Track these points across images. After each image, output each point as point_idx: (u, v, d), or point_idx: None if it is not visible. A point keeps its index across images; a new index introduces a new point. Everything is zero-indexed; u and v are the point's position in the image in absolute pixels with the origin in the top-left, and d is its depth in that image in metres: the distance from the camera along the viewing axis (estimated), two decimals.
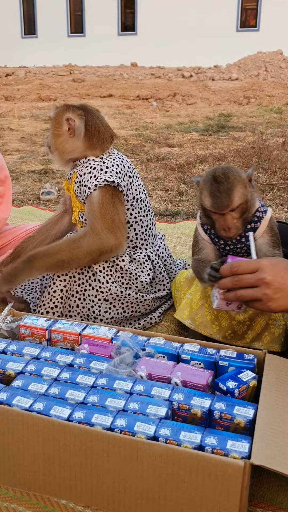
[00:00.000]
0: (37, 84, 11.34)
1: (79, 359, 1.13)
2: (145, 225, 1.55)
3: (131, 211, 1.51)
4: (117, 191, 1.45)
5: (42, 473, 0.97)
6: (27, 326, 1.26)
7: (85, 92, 10.46)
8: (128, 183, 1.49)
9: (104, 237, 1.41)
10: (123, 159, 1.52)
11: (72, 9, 17.20)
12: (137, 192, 1.53)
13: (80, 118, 1.45)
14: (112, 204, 1.43)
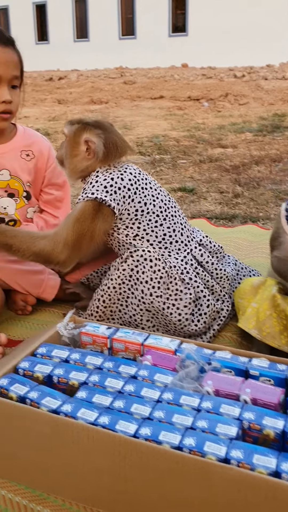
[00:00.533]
0: (89, 87, 11.49)
1: (142, 371, 1.09)
2: (161, 234, 1.47)
3: (137, 225, 1.44)
4: (103, 206, 1.40)
5: (106, 489, 0.94)
6: (88, 334, 1.24)
7: (136, 94, 10.50)
8: (123, 195, 1.41)
9: (58, 250, 1.40)
10: (124, 171, 1.44)
11: (123, 12, 17.34)
12: (141, 204, 1.44)
13: (99, 138, 1.42)
14: (91, 220, 1.39)
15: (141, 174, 1.48)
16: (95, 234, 1.40)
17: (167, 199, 1.51)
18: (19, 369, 1.12)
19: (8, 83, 1.55)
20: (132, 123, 7.07)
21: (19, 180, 1.73)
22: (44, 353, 1.18)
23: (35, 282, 1.67)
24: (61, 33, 18.72)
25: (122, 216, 1.43)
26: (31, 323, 1.64)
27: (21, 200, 1.75)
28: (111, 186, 1.40)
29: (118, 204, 1.40)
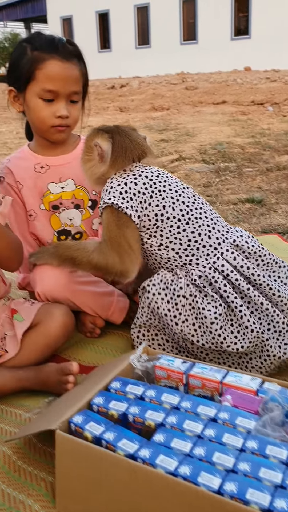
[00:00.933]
0: (151, 93, 11.53)
1: (223, 414, 1.02)
2: (186, 240, 1.36)
3: (160, 232, 1.36)
4: (121, 214, 1.34)
5: None
6: (163, 368, 1.19)
7: (198, 100, 10.42)
8: (140, 201, 1.35)
9: (109, 259, 1.36)
10: (139, 175, 1.38)
11: (185, 17, 17.31)
12: (159, 208, 1.35)
13: (107, 142, 1.39)
14: (117, 226, 1.35)
15: (160, 177, 1.40)
16: (130, 241, 1.36)
17: (191, 200, 1.40)
18: (93, 405, 1.09)
19: (66, 98, 1.55)
20: (195, 129, 7.00)
21: (84, 189, 1.71)
22: (118, 388, 1.14)
23: (105, 304, 1.64)
24: (123, 41, 18.96)
25: (144, 223, 1.37)
26: (101, 347, 1.61)
27: (87, 210, 1.74)
28: (126, 192, 1.35)
29: (137, 211, 1.35)
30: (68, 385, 1.29)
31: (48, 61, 1.51)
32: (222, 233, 1.40)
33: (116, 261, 1.35)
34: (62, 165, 1.69)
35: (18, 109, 1.63)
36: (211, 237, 1.38)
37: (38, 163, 1.69)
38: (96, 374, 1.30)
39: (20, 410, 1.32)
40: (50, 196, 1.69)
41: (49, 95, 1.53)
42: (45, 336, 1.45)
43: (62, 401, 1.21)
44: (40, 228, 1.73)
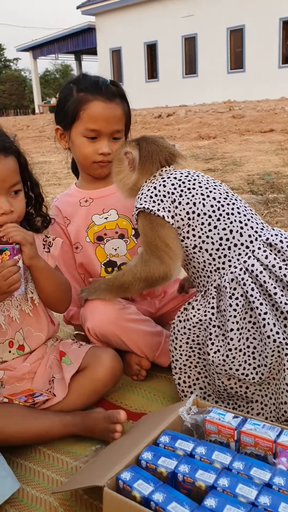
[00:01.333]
0: (197, 122, 11.61)
1: (278, 479, 0.97)
2: (217, 238, 1.32)
3: (192, 232, 1.33)
4: (154, 217, 1.37)
5: None
6: (213, 422, 1.15)
7: (245, 128, 10.40)
8: (171, 201, 1.36)
9: (151, 265, 1.37)
10: (168, 177, 1.40)
11: (232, 47, 17.49)
12: (190, 205, 1.34)
13: (134, 148, 1.44)
14: (151, 229, 1.37)
15: (189, 176, 1.40)
16: (166, 240, 1.36)
17: (223, 196, 1.36)
18: (142, 460, 1.06)
19: (109, 136, 1.63)
20: (242, 159, 6.96)
21: (127, 218, 1.73)
22: (167, 443, 1.11)
23: (153, 344, 1.63)
24: (170, 70, 19.30)
25: (178, 223, 1.36)
26: (148, 392, 1.58)
27: (131, 240, 1.75)
28: (156, 196, 1.37)
29: (169, 211, 1.36)
30: (116, 434, 1.27)
31: (92, 102, 1.60)
32: (256, 230, 1.34)
33: (157, 264, 1.37)
34: (105, 197, 1.74)
35: (64, 146, 1.72)
36: (243, 235, 1.32)
37: (83, 198, 1.75)
38: (144, 424, 1.28)
39: (67, 457, 1.30)
40: (95, 228, 1.73)
41: (92, 133, 1.62)
42: (93, 381, 1.44)
43: (110, 453, 1.18)
44: (86, 261, 1.76)
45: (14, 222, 1.36)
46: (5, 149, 1.33)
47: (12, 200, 1.36)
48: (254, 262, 1.29)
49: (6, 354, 1.46)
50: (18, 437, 1.32)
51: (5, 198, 1.34)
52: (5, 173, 1.32)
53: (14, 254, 1.32)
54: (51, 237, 1.55)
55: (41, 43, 26.69)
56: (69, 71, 51.19)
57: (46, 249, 1.53)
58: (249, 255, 1.31)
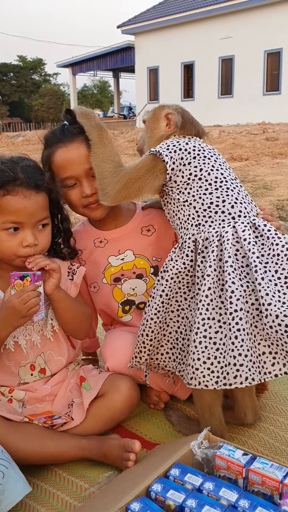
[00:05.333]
0: (230, 143, 11.65)
1: None
2: (208, 202, 1.40)
3: (188, 190, 1.43)
4: (159, 161, 1.43)
5: None
6: (223, 458, 1.18)
7: (278, 151, 10.39)
8: (182, 157, 1.43)
9: (114, 180, 1.44)
10: (194, 140, 1.50)
11: (269, 69, 17.52)
12: (197, 169, 1.42)
13: (177, 112, 1.53)
14: (146, 171, 1.43)
15: (211, 150, 1.49)
16: (144, 186, 1.44)
17: (231, 177, 1.46)
18: (151, 491, 1.10)
19: (86, 177, 1.57)
20: (273, 183, 6.96)
21: (144, 258, 1.73)
22: (176, 476, 1.15)
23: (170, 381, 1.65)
24: (206, 90, 19.44)
25: (176, 178, 1.44)
26: (163, 423, 1.62)
27: (150, 278, 1.75)
28: (173, 146, 1.44)
29: (174, 163, 1.42)
30: (129, 462, 1.31)
31: (55, 152, 1.59)
32: (248, 212, 1.40)
33: (115, 187, 1.44)
34: (119, 238, 1.73)
35: (62, 203, 1.63)
36: (234, 207, 1.40)
37: (97, 238, 1.74)
38: (156, 454, 1.32)
39: (81, 481, 1.36)
40: (111, 269, 1.73)
41: (68, 181, 1.58)
42: (110, 408, 1.49)
43: (122, 481, 1.23)
44: (104, 300, 1.77)
45: (37, 254, 1.43)
46: (37, 186, 1.41)
47: (38, 234, 1.43)
48: (229, 230, 1.36)
49: (28, 377, 1.53)
50: (34, 457, 1.37)
51: (31, 231, 1.41)
52: (34, 209, 1.40)
53: (35, 281, 1.39)
54: (75, 265, 1.62)
55: (80, 60, 27.27)
56: (107, 87, 52.11)
57: (70, 276, 1.59)
58: (230, 224, 1.37)
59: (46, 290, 1.43)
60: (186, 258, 1.40)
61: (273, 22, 16.83)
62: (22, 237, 1.40)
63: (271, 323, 1.25)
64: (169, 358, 1.49)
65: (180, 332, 1.45)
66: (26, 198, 1.39)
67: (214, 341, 1.31)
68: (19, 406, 1.52)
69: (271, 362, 1.31)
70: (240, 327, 1.27)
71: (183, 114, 1.54)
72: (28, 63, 52.79)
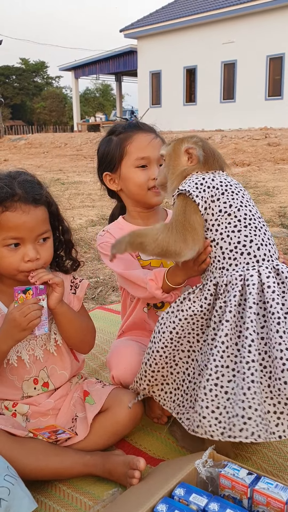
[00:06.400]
0: (232, 148, 11.67)
1: None
2: (235, 241, 1.36)
3: (216, 227, 1.38)
4: (190, 201, 1.39)
5: None
6: (228, 478, 1.18)
7: (280, 157, 10.41)
8: (212, 194, 1.39)
9: (172, 237, 1.38)
10: (219, 176, 1.44)
11: (271, 74, 17.56)
12: (226, 205, 1.38)
13: (197, 145, 1.47)
14: (184, 212, 1.40)
15: (238, 185, 1.45)
16: (194, 225, 1.39)
17: (258, 215, 1.42)
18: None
19: (157, 163, 1.73)
20: (275, 189, 6.96)
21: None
22: (181, 496, 1.15)
23: None
24: (209, 95, 19.50)
25: (207, 217, 1.40)
26: (167, 438, 1.62)
27: None
28: (201, 185, 1.41)
29: (205, 202, 1.39)
30: (134, 480, 1.31)
31: (135, 135, 1.74)
32: (271, 254, 1.39)
33: (178, 239, 1.39)
34: None
35: (115, 189, 1.80)
36: (260, 249, 1.37)
37: None
38: (161, 472, 1.32)
39: (85, 498, 1.35)
40: (140, 262, 1.78)
41: (143, 161, 1.73)
42: (113, 423, 1.49)
43: (126, 501, 1.23)
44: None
45: (40, 268, 1.43)
46: (35, 200, 1.41)
47: (39, 248, 1.43)
48: (254, 274, 1.33)
49: (31, 390, 1.53)
50: (39, 472, 1.37)
51: (32, 246, 1.41)
52: (33, 223, 1.40)
53: (38, 294, 1.39)
54: (78, 278, 1.62)
55: (83, 63, 27.37)
56: (109, 90, 52.22)
57: (73, 290, 1.60)
58: (255, 268, 1.35)
59: (50, 304, 1.43)
60: (205, 301, 1.37)
61: (276, 27, 16.89)
62: (24, 252, 1.40)
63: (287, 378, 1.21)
64: (169, 398, 1.46)
65: (188, 375, 1.43)
66: (25, 213, 1.39)
67: (226, 390, 1.27)
68: (23, 420, 1.52)
69: (275, 422, 1.25)
70: (254, 378, 1.23)
71: (204, 147, 1.48)
72: (30, 66, 52.91)
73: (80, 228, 4.82)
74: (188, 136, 1.52)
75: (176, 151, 1.51)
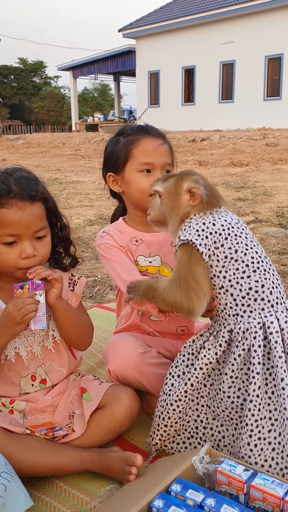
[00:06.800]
0: (231, 148, 11.69)
1: None
2: (246, 288, 1.34)
3: (224, 274, 1.35)
4: (194, 250, 1.35)
5: None
6: (224, 474, 1.19)
7: (278, 157, 10.42)
8: (215, 241, 1.35)
9: (178, 297, 1.36)
10: (219, 218, 1.39)
11: (270, 74, 17.59)
12: (231, 251, 1.35)
13: (200, 184, 1.41)
14: (187, 264, 1.35)
15: (239, 224, 1.40)
16: (199, 278, 1.35)
17: (264, 255, 1.40)
18: (153, 507, 1.10)
19: (161, 170, 1.71)
20: (273, 189, 6.97)
21: (169, 267, 1.78)
22: (178, 492, 1.15)
23: None
24: (207, 95, 19.53)
25: (212, 263, 1.36)
26: None
27: None
28: (202, 231, 1.36)
29: (209, 250, 1.35)
30: (131, 476, 1.31)
31: (143, 139, 1.72)
32: (282, 295, 1.39)
33: (183, 299, 1.36)
34: (154, 242, 1.79)
35: (117, 190, 1.80)
36: (272, 293, 1.36)
37: (134, 237, 1.80)
38: (158, 469, 1.32)
39: (82, 494, 1.36)
40: (138, 267, 1.77)
41: (147, 166, 1.71)
42: (111, 420, 1.49)
43: (123, 496, 1.23)
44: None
45: (37, 265, 1.43)
46: (31, 196, 1.40)
47: (36, 244, 1.43)
48: (274, 320, 1.33)
49: (29, 387, 1.53)
50: (36, 469, 1.37)
51: (29, 242, 1.41)
52: (29, 220, 1.40)
53: (34, 289, 1.39)
54: (76, 275, 1.62)
55: (81, 63, 27.37)
56: (107, 90, 52.23)
57: (71, 287, 1.60)
58: (272, 313, 1.34)
59: (48, 300, 1.43)
60: (219, 348, 1.37)
61: (275, 28, 16.91)
62: (21, 249, 1.40)
63: None
64: (185, 448, 1.46)
65: (201, 421, 1.43)
66: (21, 210, 1.38)
67: (269, 441, 1.29)
68: (20, 417, 1.52)
69: None
70: None
71: (206, 186, 1.42)
72: (29, 66, 52.91)
73: (78, 228, 4.82)
74: (187, 173, 1.46)
75: (177, 190, 1.44)
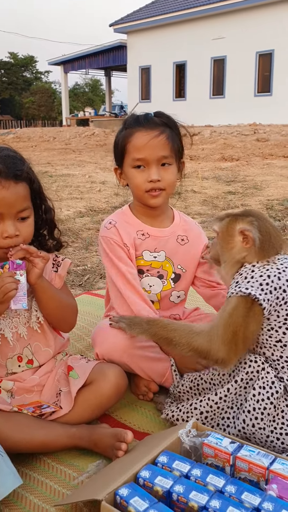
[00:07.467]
0: (221, 143, 11.72)
1: (267, 504, 1.02)
2: None
3: (284, 330, 1.33)
4: (256, 305, 1.30)
5: None
6: (211, 446, 1.20)
7: (268, 152, 10.47)
8: (278, 296, 1.31)
9: (215, 346, 1.32)
10: (284, 270, 1.34)
11: (261, 70, 17.63)
12: None
13: (253, 225, 1.37)
14: (243, 318, 1.30)
15: None
16: (249, 333, 1.32)
17: None
18: (140, 478, 1.11)
19: (156, 164, 1.65)
20: (263, 183, 7.01)
21: (171, 262, 1.79)
22: (165, 463, 1.16)
23: (159, 370, 1.67)
24: (198, 90, 19.53)
25: (271, 317, 1.33)
26: (152, 412, 1.63)
27: (168, 282, 1.80)
28: (267, 285, 1.31)
29: (271, 305, 1.31)
30: (120, 452, 1.32)
31: (134, 134, 1.65)
32: None
33: (221, 349, 1.31)
34: (160, 237, 1.77)
35: (123, 184, 1.77)
36: None
37: (141, 230, 1.77)
38: (145, 444, 1.33)
39: (69, 470, 1.36)
40: (141, 261, 1.76)
41: (138, 162, 1.65)
42: (97, 396, 1.49)
43: (111, 470, 1.24)
44: None
45: (21, 245, 1.40)
46: (15, 176, 1.38)
47: (19, 225, 1.41)
48: None
49: (16, 368, 1.53)
50: (24, 445, 1.38)
51: (11, 222, 1.39)
52: (13, 199, 1.38)
53: (14, 268, 1.38)
54: (60, 257, 1.62)
55: (72, 58, 27.22)
56: (98, 85, 52.05)
57: (54, 268, 1.59)
58: None
59: (30, 279, 1.42)
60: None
61: (266, 24, 16.94)
62: (2, 228, 1.38)
63: None
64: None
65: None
66: (5, 189, 1.36)
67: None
68: (8, 396, 1.52)
69: None
70: None
71: (260, 228, 1.36)
72: (19, 60, 52.54)
73: (68, 219, 4.81)
74: (243, 214, 1.42)
75: (230, 231, 1.41)
